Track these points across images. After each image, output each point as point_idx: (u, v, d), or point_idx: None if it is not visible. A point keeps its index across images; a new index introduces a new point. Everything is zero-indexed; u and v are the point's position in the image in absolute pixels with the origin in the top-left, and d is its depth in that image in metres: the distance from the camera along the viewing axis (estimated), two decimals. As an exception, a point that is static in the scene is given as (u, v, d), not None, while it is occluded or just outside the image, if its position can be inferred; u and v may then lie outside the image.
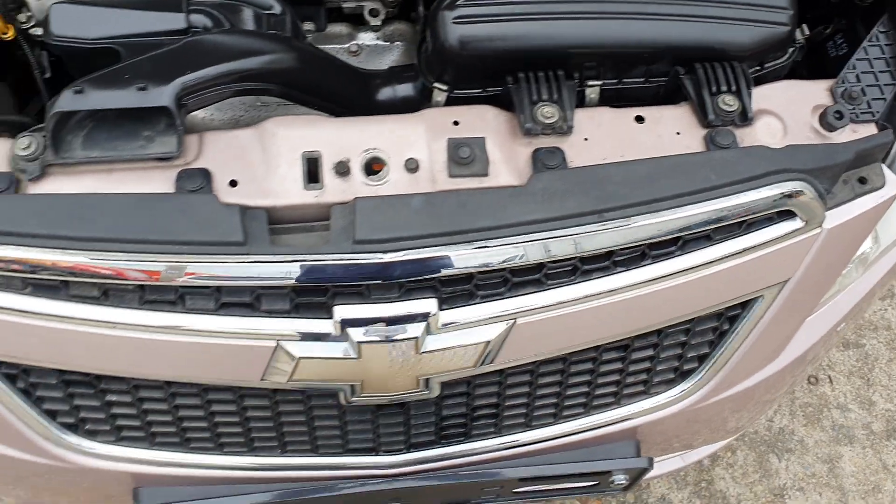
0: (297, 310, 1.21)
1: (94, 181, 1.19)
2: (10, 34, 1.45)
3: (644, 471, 1.59)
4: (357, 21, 1.61)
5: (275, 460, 1.45)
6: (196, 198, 1.16)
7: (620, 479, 1.61)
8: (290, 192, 1.20)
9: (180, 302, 1.20)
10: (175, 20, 1.25)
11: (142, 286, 1.18)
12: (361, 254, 1.16)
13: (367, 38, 1.64)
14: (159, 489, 1.48)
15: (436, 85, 1.34)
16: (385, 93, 1.42)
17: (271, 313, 1.21)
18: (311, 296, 1.20)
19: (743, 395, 1.58)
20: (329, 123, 1.24)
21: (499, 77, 1.32)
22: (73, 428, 1.38)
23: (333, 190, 1.20)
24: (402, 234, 1.17)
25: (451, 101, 1.36)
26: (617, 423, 1.52)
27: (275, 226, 1.19)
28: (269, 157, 1.21)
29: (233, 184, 1.20)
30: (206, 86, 1.20)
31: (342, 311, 1.20)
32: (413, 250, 1.16)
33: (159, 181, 1.19)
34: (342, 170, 1.20)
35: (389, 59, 1.65)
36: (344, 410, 1.37)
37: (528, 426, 1.49)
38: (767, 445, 2.52)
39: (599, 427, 1.52)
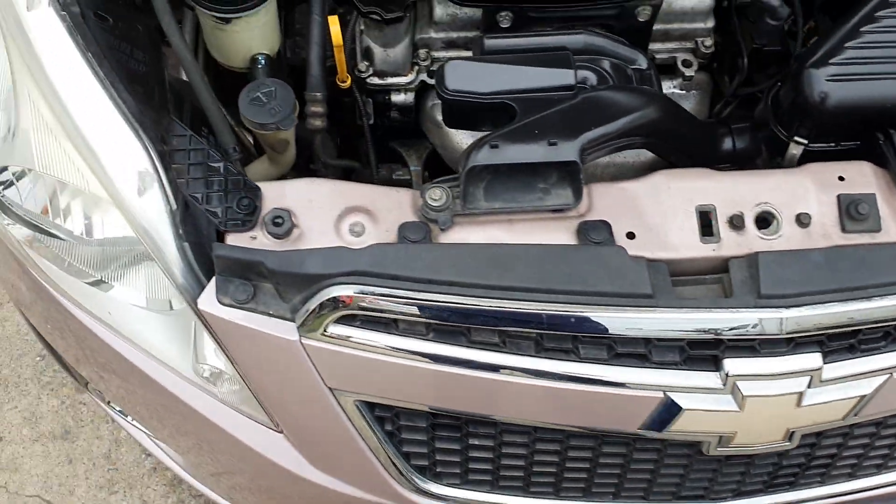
0: (686, 362, 1.23)
1: (496, 231, 1.22)
2: (348, 83, 1.51)
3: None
4: (664, 70, 1.64)
5: (604, 506, 1.46)
6: (606, 250, 1.19)
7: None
8: (687, 244, 1.22)
9: (574, 351, 1.22)
10: (565, 76, 1.28)
11: (540, 334, 1.21)
12: (766, 308, 1.18)
13: (664, 86, 1.67)
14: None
15: (795, 139, 1.36)
16: (727, 143, 1.44)
17: (661, 365, 1.23)
18: (703, 348, 1.22)
19: None
20: (717, 177, 1.27)
21: (860, 133, 1.34)
22: (421, 470, 1.40)
23: (729, 243, 1.22)
24: (804, 289, 1.19)
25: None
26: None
27: (673, 278, 1.21)
28: (663, 210, 1.23)
29: (630, 236, 1.22)
30: (604, 141, 1.23)
31: (732, 365, 1.21)
32: (818, 305, 1.18)
33: (559, 231, 1.22)
34: (737, 223, 1.22)
35: (686, 107, 1.66)
36: (693, 459, 1.38)
37: (852, 476, 1.49)
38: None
39: (918, 478, 1.52)
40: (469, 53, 1.56)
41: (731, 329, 1.18)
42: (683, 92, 1.66)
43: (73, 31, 1.19)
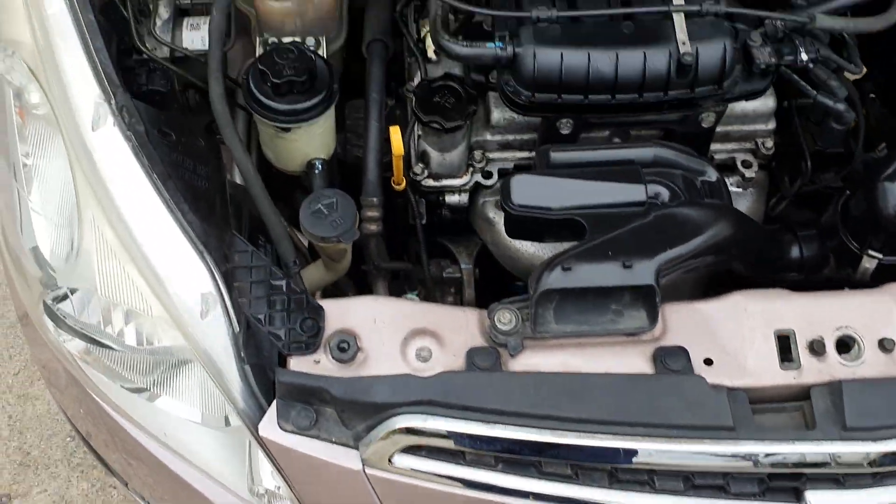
0: (765, 493, 1.18)
1: (568, 356, 1.18)
2: (403, 185, 1.48)
3: None
4: (722, 169, 1.60)
5: None
6: (685, 380, 1.14)
7: None
8: (766, 371, 1.17)
9: (650, 483, 1.17)
10: (636, 192, 1.24)
11: (615, 466, 1.16)
12: (852, 441, 1.13)
13: (723, 184, 1.63)
14: None
15: (869, 252, 1.32)
16: (794, 251, 1.40)
17: (739, 496, 1.18)
18: (783, 480, 1.17)
19: None
20: (795, 298, 1.22)
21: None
22: None
23: (810, 370, 1.18)
24: (890, 420, 1.14)
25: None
26: None
27: (751, 406, 1.17)
28: (741, 334, 1.19)
29: (708, 362, 1.18)
30: (680, 261, 1.20)
31: (815, 498, 1.16)
32: (902, 438, 1.13)
33: (634, 357, 1.18)
34: (818, 348, 1.18)
35: (743, 205, 1.63)
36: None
37: None
38: None
39: None
40: (524, 153, 1.54)
41: (816, 462, 1.13)
42: (741, 190, 1.63)
43: (138, 151, 1.16)
